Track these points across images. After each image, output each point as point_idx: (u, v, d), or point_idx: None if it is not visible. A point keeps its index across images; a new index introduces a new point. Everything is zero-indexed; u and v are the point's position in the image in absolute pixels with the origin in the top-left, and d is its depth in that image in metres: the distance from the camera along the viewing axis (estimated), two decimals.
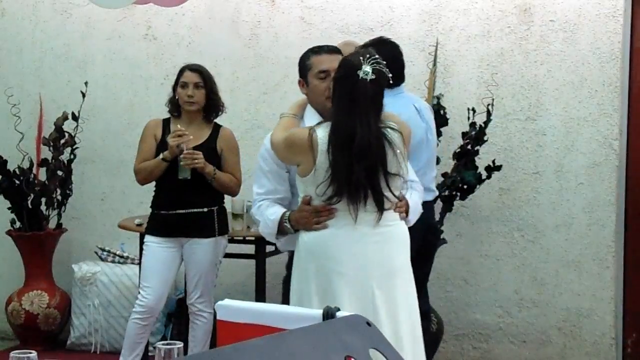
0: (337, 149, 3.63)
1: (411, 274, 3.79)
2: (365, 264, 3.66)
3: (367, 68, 3.63)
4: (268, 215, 3.87)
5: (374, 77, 3.63)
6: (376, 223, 3.67)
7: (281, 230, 3.85)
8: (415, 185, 3.96)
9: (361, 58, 3.66)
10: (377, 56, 3.68)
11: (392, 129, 3.70)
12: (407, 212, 3.84)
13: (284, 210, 3.85)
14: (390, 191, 3.66)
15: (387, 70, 3.67)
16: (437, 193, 5.26)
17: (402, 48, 5.03)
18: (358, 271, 3.65)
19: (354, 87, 3.64)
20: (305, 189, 3.74)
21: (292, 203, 3.89)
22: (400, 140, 3.70)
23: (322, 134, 3.68)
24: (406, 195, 3.88)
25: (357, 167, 3.61)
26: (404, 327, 3.65)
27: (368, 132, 3.61)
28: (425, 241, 5.05)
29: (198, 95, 5.08)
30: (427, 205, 5.02)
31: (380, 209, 3.65)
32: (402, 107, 4.86)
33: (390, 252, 3.71)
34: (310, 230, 3.71)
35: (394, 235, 3.74)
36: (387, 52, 4.92)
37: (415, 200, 3.91)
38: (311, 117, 3.90)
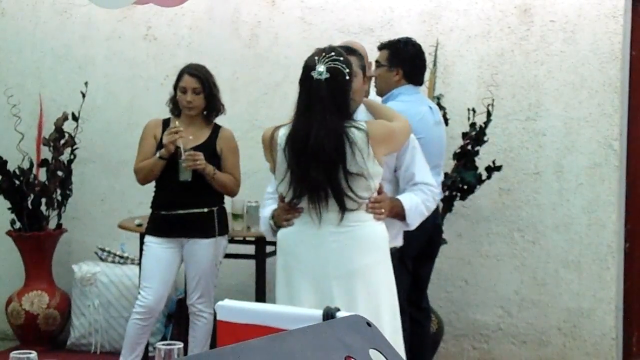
0: (293, 151, 3.70)
1: (381, 274, 3.75)
2: (325, 263, 3.70)
3: (320, 68, 3.66)
4: (264, 213, 3.98)
5: (328, 75, 3.64)
6: (339, 223, 3.69)
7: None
8: (423, 188, 3.93)
9: (316, 58, 3.70)
10: (333, 54, 3.68)
11: (357, 128, 3.68)
12: (394, 213, 3.83)
13: (275, 207, 3.92)
14: (352, 191, 3.66)
15: (344, 66, 3.67)
16: (442, 194, 5.29)
17: None
18: (317, 270, 3.71)
19: (309, 88, 3.68)
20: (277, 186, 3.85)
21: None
22: (364, 140, 3.67)
23: (283, 132, 3.76)
24: (402, 196, 3.88)
25: (314, 168, 3.65)
26: None
27: (324, 132, 3.63)
28: (430, 241, 5.08)
29: (197, 100, 5.09)
30: None
31: (342, 208, 3.67)
32: (418, 106, 4.93)
33: (350, 254, 3.70)
34: (282, 227, 3.83)
35: (357, 236, 3.72)
36: (410, 52, 5.01)
37: (415, 202, 3.89)
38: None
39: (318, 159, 3.64)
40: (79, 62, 6.53)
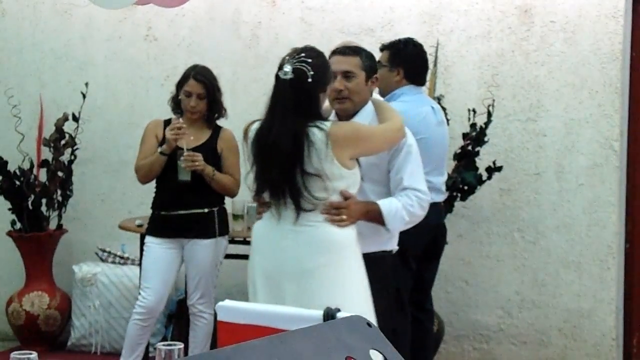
0: (257, 147, 3.77)
1: (334, 276, 3.70)
2: (280, 260, 3.74)
3: (287, 68, 3.70)
4: None
5: (292, 76, 3.68)
6: (295, 221, 3.71)
7: None
8: (409, 193, 3.89)
9: (287, 57, 3.74)
10: (302, 55, 3.71)
11: (319, 128, 3.69)
12: (369, 217, 3.81)
13: None
14: (308, 191, 3.67)
15: (309, 68, 3.68)
16: (446, 195, 5.27)
17: None
18: (273, 265, 3.75)
19: (275, 87, 3.75)
20: None
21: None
22: (322, 140, 3.66)
23: (255, 127, 3.83)
24: (382, 200, 3.87)
25: (273, 165, 3.70)
26: None
27: (283, 131, 3.67)
28: (434, 241, 5.07)
29: (200, 105, 5.10)
30: (437, 206, 5.06)
31: (297, 207, 3.69)
32: (420, 106, 4.94)
33: (303, 253, 3.71)
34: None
35: (311, 236, 3.71)
36: (411, 52, 5.01)
37: (395, 206, 3.86)
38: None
39: (276, 157, 3.69)
40: (79, 63, 6.53)
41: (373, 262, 3.83)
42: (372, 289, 3.78)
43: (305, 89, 3.69)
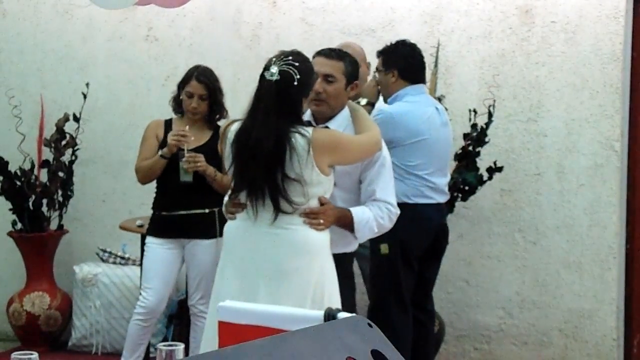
0: (237, 146, 3.78)
1: (308, 279, 3.72)
2: (254, 261, 3.74)
3: (273, 69, 3.71)
4: None
5: (278, 78, 3.69)
6: (272, 223, 3.72)
7: None
8: (381, 205, 3.92)
9: (274, 59, 3.75)
10: (289, 58, 3.72)
11: (301, 134, 3.70)
12: (341, 223, 3.83)
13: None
14: (288, 194, 3.69)
15: (296, 72, 3.69)
16: (448, 196, 5.27)
17: None
18: (247, 266, 3.75)
19: (260, 88, 3.75)
20: None
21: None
22: (304, 147, 3.68)
23: (235, 127, 3.83)
24: (355, 208, 3.89)
25: (253, 166, 3.71)
26: None
27: (264, 132, 3.68)
28: (435, 241, 5.08)
29: (202, 106, 5.11)
30: (439, 207, 5.07)
31: (276, 209, 3.70)
32: (424, 106, 4.95)
33: (280, 255, 3.72)
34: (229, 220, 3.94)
35: (288, 239, 3.73)
36: (402, 52, 5.03)
37: (367, 216, 3.89)
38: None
39: (257, 157, 3.70)
40: (80, 63, 6.53)
41: (335, 261, 3.87)
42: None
43: (289, 92, 3.70)
